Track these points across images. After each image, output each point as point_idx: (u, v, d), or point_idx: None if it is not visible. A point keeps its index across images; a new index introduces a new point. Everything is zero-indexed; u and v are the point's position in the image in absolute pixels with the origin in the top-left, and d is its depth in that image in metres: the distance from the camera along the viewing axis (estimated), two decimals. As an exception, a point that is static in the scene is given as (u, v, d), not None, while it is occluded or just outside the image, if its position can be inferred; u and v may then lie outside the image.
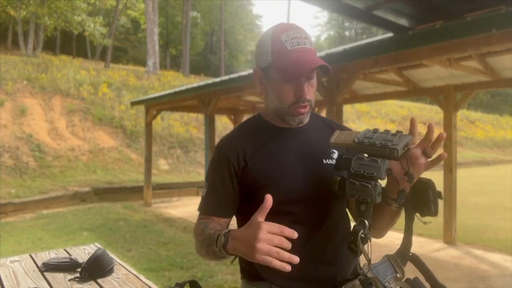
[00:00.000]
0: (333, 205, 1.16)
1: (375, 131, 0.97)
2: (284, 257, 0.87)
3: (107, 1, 25.58)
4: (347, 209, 1.23)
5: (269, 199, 0.91)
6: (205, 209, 1.19)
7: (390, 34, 4.42)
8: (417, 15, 4.07)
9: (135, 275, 1.71)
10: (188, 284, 1.26)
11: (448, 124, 5.51)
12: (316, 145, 1.17)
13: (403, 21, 4.14)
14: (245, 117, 11.06)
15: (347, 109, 20.22)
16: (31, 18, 20.42)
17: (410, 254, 1.07)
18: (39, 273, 1.71)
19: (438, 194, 1.01)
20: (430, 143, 0.95)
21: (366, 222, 0.93)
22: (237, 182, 1.15)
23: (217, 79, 6.70)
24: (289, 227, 1.07)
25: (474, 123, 26.78)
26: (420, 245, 5.24)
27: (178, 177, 11.86)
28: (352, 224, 1.15)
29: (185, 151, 13.79)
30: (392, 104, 25.10)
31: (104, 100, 14.80)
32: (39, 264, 1.80)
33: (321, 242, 1.13)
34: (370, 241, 0.95)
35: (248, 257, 0.90)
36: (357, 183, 0.92)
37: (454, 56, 4.43)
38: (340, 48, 4.44)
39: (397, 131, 0.94)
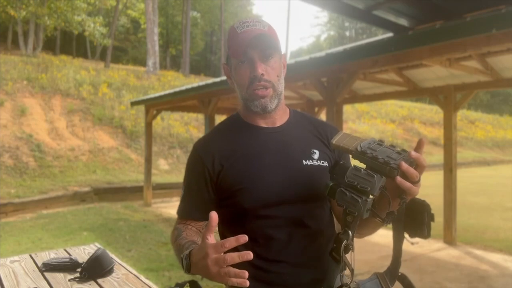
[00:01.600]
0: (315, 208, 1.12)
1: (380, 143, 0.93)
2: (231, 274, 0.84)
3: (107, 1, 25.58)
4: (331, 211, 1.19)
5: (214, 216, 0.87)
6: (181, 213, 1.18)
7: (390, 34, 4.42)
8: (417, 15, 4.07)
9: (135, 275, 1.71)
10: (188, 284, 1.26)
11: (448, 124, 5.51)
12: (295, 145, 1.13)
13: (403, 21, 4.15)
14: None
15: (347, 109, 20.23)
16: (31, 18, 20.43)
17: (399, 274, 1.05)
18: (39, 273, 1.71)
19: (432, 217, 1.00)
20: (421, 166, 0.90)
21: (350, 233, 0.91)
22: (212, 186, 1.12)
23: (217, 79, 6.69)
24: (268, 231, 1.08)
25: (474, 123, 26.79)
26: (420, 245, 5.25)
27: (178, 177, 11.85)
28: (337, 226, 1.14)
29: (185, 151, 13.79)
30: (392, 104, 25.09)
31: (104, 100, 14.80)
32: (39, 264, 1.80)
33: (302, 246, 1.09)
34: (353, 251, 0.93)
35: (211, 278, 0.88)
36: (348, 194, 0.89)
37: (454, 56, 4.43)
38: (340, 48, 4.44)
39: (403, 150, 0.90)
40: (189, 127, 15.02)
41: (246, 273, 0.84)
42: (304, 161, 1.10)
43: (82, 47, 30.57)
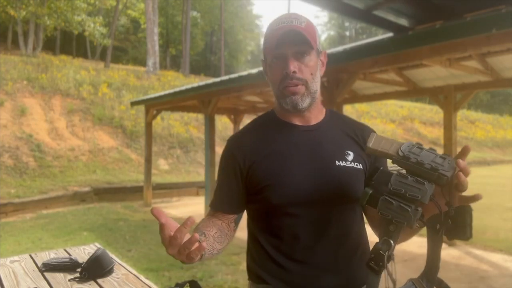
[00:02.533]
0: (345, 210, 1.09)
1: (420, 147, 0.87)
2: (187, 246, 0.85)
3: (107, 1, 25.57)
4: (363, 214, 1.15)
5: (190, 221, 0.85)
6: (212, 205, 1.20)
7: (390, 34, 4.42)
8: (417, 15, 4.07)
9: (135, 275, 1.71)
10: (188, 284, 1.26)
11: (448, 124, 5.51)
12: (329, 144, 1.10)
13: (403, 21, 4.15)
14: (245, 117, 11.05)
15: (347, 109, 20.22)
16: (31, 18, 20.42)
17: (438, 279, 0.98)
18: (39, 273, 1.71)
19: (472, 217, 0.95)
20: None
21: (392, 243, 0.85)
22: (242, 181, 1.12)
23: (217, 79, 6.69)
24: (294, 230, 1.06)
25: (474, 123, 26.78)
26: (421, 245, 5.23)
27: (178, 177, 11.86)
28: (367, 229, 1.10)
29: (185, 151, 13.79)
30: (392, 104, 25.09)
31: (104, 100, 14.80)
32: (39, 264, 1.80)
33: (328, 249, 1.07)
34: (393, 261, 0.88)
35: (184, 262, 0.91)
36: (394, 203, 0.82)
37: (454, 56, 4.43)
38: (340, 48, 4.44)
39: (445, 154, 0.85)
40: (189, 127, 15.02)
41: (196, 236, 0.83)
42: (337, 162, 1.08)
43: (82, 47, 30.56)
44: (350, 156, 1.10)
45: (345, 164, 1.08)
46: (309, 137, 1.11)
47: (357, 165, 1.09)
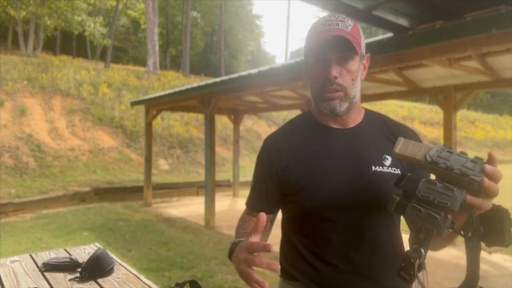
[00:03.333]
0: (380, 216, 1.06)
1: (450, 151, 0.84)
2: (252, 278, 0.82)
3: (107, 1, 25.58)
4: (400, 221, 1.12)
5: (262, 218, 0.85)
6: (248, 204, 1.22)
7: (390, 34, 4.41)
8: (417, 15, 4.06)
9: (135, 275, 1.71)
10: (188, 284, 1.26)
11: (448, 124, 5.51)
12: (366, 149, 1.08)
13: (403, 21, 4.14)
14: (245, 117, 11.02)
15: (347, 109, 20.20)
16: (31, 18, 20.42)
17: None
18: (39, 273, 1.71)
19: (511, 222, 0.91)
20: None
21: (423, 251, 0.83)
22: (278, 181, 1.11)
23: (217, 79, 6.69)
24: (326, 234, 1.06)
25: (474, 123, 26.78)
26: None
27: (178, 177, 11.86)
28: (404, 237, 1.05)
29: (185, 151, 13.79)
30: (392, 104, 25.10)
31: (104, 100, 14.80)
32: (39, 264, 1.80)
33: (360, 254, 1.05)
34: (425, 270, 0.86)
35: (239, 273, 0.88)
36: (422, 210, 0.80)
37: (454, 56, 4.43)
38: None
39: (476, 157, 0.82)
40: (189, 127, 15.02)
41: (266, 284, 0.81)
42: (373, 167, 1.05)
43: (82, 47, 30.56)
44: (388, 161, 1.07)
45: (382, 169, 1.05)
46: (345, 141, 1.10)
47: (394, 170, 1.06)
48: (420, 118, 24.54)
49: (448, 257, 4.84)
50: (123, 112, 14.32)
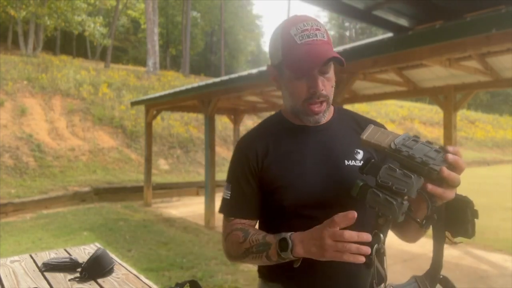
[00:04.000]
0: (356, 210, 1.08)
1: (416, 139, 0.85)
2: (351, 249, 0.85)
3: (107, 1, 25.59)
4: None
5: (351, 215, 0.86)
6: (231, 212, 1.14)
7: (390, 34, 4.42)
8: (417, 15, 4.07)
9: (135, 275, 1.71)
10: (188, 284, 1.26)
11: (448, 124, 5.51)
12: (338, 144, 1.10)
13: (403, 21, 4.14)
14: (245, 117, 11.04)
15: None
16: (31, 18, 20.42)
17: (441, 276, 1.00)
18: (39, 273, 1.71)
19: (476, 214, 0.93)
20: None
21: (382, 236, 0.86)
22: (257, 182, 1.11)
23: (217, 79, 6.70)
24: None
25: (474, 123, 26.78)
26: (421, 245, 5.22)
27: (178, 177, 11.86)
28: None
29: (185, 151, 13.80)
30: (392, 104, 25.09)
31: (104, 100, 14.80)
32: (39, 264, 1.80)
33: None
34: (385, 255, 0.88)
35: (319, 257, 0.90)
36: (381, 195, 0.82)
37: (454, 56, 4.43)
38: (340, 48, 4.43)
39: (441, 147, 0.83)
40: (189, 127, 15.02)
41: (368, 250, 0.84)
42: (346, 161, 1.07)
43: (82, 47, 30.56)
44: (360, 155, 1.09)
45: (354, 163, 1.07)
46: (319, 137, 1.11)
47: None
48: (420, 118, 24.54)
49: (448, 257, 4.84)
50: (123, 112, 14.32)
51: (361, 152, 1.09)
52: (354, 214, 0.84)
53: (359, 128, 1.13)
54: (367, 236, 0.83)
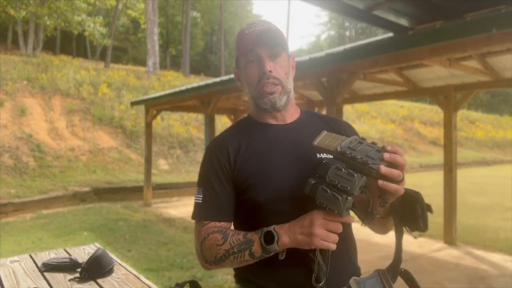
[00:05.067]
0: None
1: (361, 141, 0.93)
2: (335, 239, 0.92)
3: (107, 1, 25.57)
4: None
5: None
6: (208, 215, 1.12)
7: (390, 34, 4.42)
8: (417, 15, 4.07)
9: (135, 275, 1.71)
10: (188, 284, 1.26)
11: (448, 124, 5.51)
12: (308, 140, 1.08)
13: (403, 21, 4.15)
14: (245, 117, 11.16)
15: (347, 109, 20.22)
16: (31, 18, 20.42)
17: (401, 269, 1.04)
18: (39, 273, 1.71)
19: (428, 208, 0.98)
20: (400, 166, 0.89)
21: None
22: (230, 182, 1.11)
23: (217, 79, 6.69)
24: None
25: (474, 123, 26.79)
26: (421, 245, 5.25)
27: (178, 177, 11.86)
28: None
29: (185, 151, 13.79)
30: (392, 104, 25.09)
31: (104, 100, 14.80)
32: (39, 264, 1.80)
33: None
34: (329, 252, 0.96)
35: (305, 245, 0.94)
36: (329, 191, 0.90)
37: (454, 56, 4.43)
38: (340, 48, 4.44)
39: (382, 147, 0.90)
40: (189, 127, 15.02)
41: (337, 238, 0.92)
42: (318, 154, 1.09)
43: (82, 47, 30.57)
44: None
45: (326, 155, 1.08)
46: (287, 135, 1.14)
47: None
48: (420, 118, 24.54)
49: (448, 257, 4.84)
50: (123, 112, 14.32)
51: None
52: (350, 220, 0.92)
53: (328, 126, 1.17)
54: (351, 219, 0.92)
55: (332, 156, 1.04)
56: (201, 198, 1.13)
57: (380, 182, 0.87)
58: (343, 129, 1.20)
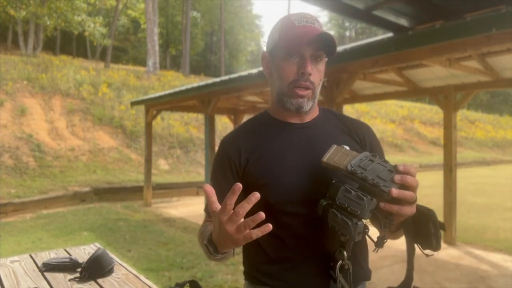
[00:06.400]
0: None
1: (372, 159, 0.89)
2: (249, 224, 0.81)
3: (107, 1, 25.58)
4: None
5: (208, 189, 0.85)
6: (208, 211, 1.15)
7: (390, 34, 4.42)
8: (417, 15, 4.06)
9: (135, 275, 1.71)
10: (188, 284, 1.26)
11: (448, 124, 5.51)
12: (324, 141, 1.08)
13: (403, 21, 4.14)
14: (245, 117, 11.10)
15: (347, 109, 20.22)
16: (31, 18, 20.43)
17: (414, 287, 1.02)
18: (39, 273, 1.71)
19: (441, 226, 0.95)
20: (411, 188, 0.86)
21: (345, 253, 0.91)
22: (239, 181, 1.08)
23: (217, 79, 6.69)
24: (291, 228, 1.05)
25: (474, 123, 26.79)
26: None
27: (178, 177, 11.86)
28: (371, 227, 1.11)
29: (185, 151, 13.79)
30: (392, 104, 25.10)
31: (104, 100, 14.80)
32: (39, 264, 1.80)
33: (326, 247, 1.05)
34: (350, 271, 0.93)
35: (238, 245, 0.87)
36: (339, 216, 0.87)
37: (454, 56, 4.43)
38: (340, 48, 4.43)
39: (394, 167, 0.86)
40: (189, 127, 15.02)
41: (262, 215, 0.81)
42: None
43: (82, 47, 30.57)
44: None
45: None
46: (304, 134, 1.11)
47: None
48: (420, 118, 24.54)
49: (448, 257, 4.84)
50: (123, 112, 14.32)
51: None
52: (262, 215, 0.81)
53: (344, 127, 1.16)
54: (259, 216, 0.80)
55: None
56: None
57: (382, 204, 0.84)
58: (361, 131, 1.16)
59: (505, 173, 14.89)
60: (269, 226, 0.81)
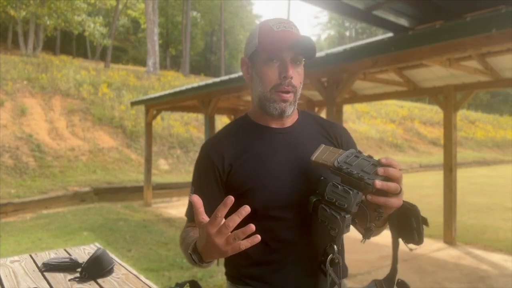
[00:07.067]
0: None
1: (358, 155, 0.93)
2: (239, 236, 0.82)
3: (107, 1, 25.57)
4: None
5: (196, 200, 0.86)
6: (191, 215, 1.14)
7: (390, 34, 4.42)
8: (417, 15, 4.07)
9: (135, 275, 1.71)
10: (188, 284, 1.26)
11: (448, 124, 5.51)
12: (305, 145, 1.10)
13: (403, 21, 4.15)
14: (245, 117, 11.13)
15: (347, 109, 20.22)
16: (31, 18, 20.43)
17: (398, 280, 1.05)
18: (39, 273, 1.71)
19: (423, 221, 0.98)
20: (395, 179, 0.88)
21: (335, 247, 0.94)
22: (223, 186, 1.10)
23: (217, 79, 6.69)
24: (276, 233, 1.06)
25: (474, 123, 26.79)
26: (420, 245, 5.24)
27: (178, 177, 11.86)
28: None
29: (185, 151, 13.79)
30: (392, 104, 25.10)
31: (104, 100, 14.80)
32: (39, 264, 1.80)
33: (311, 249, 1.06)
34: (340, 264, 0.95)
35: (225, 256, 0.87)
36: (328, 210, 0.90)
37: (454, 56, 4.43)
38: (340, 48, 4.43)
39: (377, 161, 0.89)
40: (189, 127, 15.02)
41: (253, 227, 0.81)
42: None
43: (82, 47, 30.58)
44: None
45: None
46: (285, 139, 1.12)
47: None
48: (420, 118, 24.54)
49: (448, 257, 4.84)
50: (123, 112, 14.32)
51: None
52: (252, 227, 0.81)
53: (323, 130, 1.18)
54: (250, 228, 0.81)
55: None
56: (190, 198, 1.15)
57: (369, 196, 0.86)
58: (338, 133, 1.18)
59: (505, 173, 14.89)
60: (258, 237, 0.81)
